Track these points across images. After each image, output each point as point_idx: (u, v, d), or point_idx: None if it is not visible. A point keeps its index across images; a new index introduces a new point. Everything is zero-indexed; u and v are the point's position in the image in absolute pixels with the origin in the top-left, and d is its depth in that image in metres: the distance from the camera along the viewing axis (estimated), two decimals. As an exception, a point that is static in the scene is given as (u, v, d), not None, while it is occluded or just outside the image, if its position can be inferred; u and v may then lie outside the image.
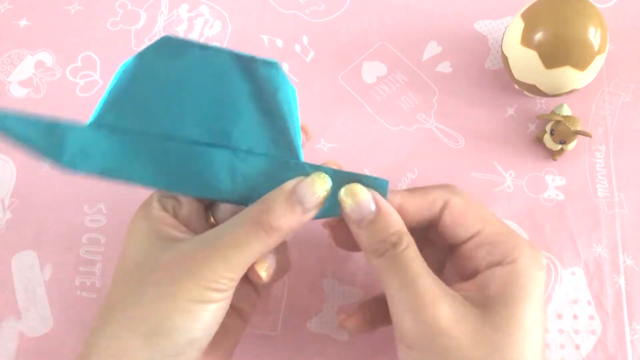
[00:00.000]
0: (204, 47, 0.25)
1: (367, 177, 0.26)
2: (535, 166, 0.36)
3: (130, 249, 0.25)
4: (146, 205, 0.27)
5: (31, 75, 0.39)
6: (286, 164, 0.26)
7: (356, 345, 0.33)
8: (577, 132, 0.34)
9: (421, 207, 0.27)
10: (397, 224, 0.25)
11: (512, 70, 0.34)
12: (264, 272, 0.26)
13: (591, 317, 0.33)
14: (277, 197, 0.25)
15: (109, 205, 0.36)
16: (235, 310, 0.27)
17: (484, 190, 0.35)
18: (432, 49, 0.39)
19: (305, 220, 0.25)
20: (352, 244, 0.27)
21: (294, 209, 0.24)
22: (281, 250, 0.27)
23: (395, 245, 0.24)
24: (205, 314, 0.23)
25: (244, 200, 0.26)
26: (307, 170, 0.26)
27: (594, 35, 0.31)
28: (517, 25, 0.33)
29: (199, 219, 0.27)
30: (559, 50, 0.32)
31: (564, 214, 0.35)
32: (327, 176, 0.26)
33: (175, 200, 0.27)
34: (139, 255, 0.25)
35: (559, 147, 0.35)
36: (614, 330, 0.33)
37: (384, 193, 0.26)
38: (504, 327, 0.23)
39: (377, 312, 0.29)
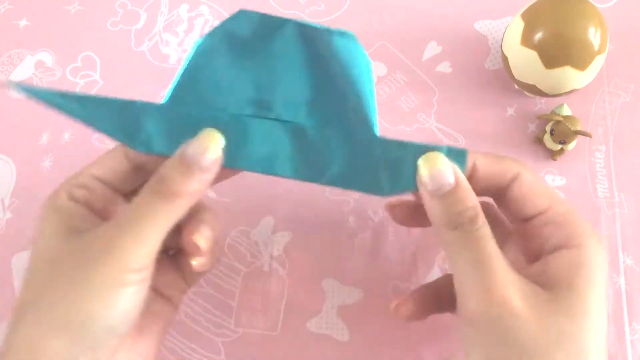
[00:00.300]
0: (279, 20, 0.25)
1: (443, 147, 0.25)
2: (535, 166, 0.36)
3: (40, 245, 0.24)
4: (54, 197, 0.25)
5: (31, 75, 0.39)
6: (361, 139, 0.25)
7: (356, 345, 0.33)
8: (577, 132, 0.34)
9: (494, 172, 0.26)
10: (475, 199, 0.24)
11: (512, 70, 0.34)
12: (202, 240, 0.25)
13: (591, 317, 0.33)
14: (171, 161, 0.24)
15: (109, 205, 0.36)
16: (162, 297, 0.27)
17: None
18: (432, 49, 0.39)
19: (208, 179, 0.24)
20: (412, 220, 0.27)
21: (191, 170, 0.24)
22: (215, 227, 0.27)
23: (472, 220, 0.24)
24: (121, 299, 0.22)
25: (316, 177, 0.26)
26: (378, 144, 0.25)
27: (594, 35, 0.31)
28: (517, 25, 0.33)
29: (115, 209, 0.26)
30: (559, 50, 0.32)
31: (564, 214, 0.35)
32: (215, 131, 0.25)
33: (86, 189, 0.25)
34: (47, 250, 0.24)
35: (559, 147, 0.35)
36: (614, 330, 0.33)
37: (463, 161, 0.25)
38: (572, 314, 0.22)
39: (429, 299, 0.28)
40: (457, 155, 0.25)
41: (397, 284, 0.34)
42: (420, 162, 0.25)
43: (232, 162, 0.25)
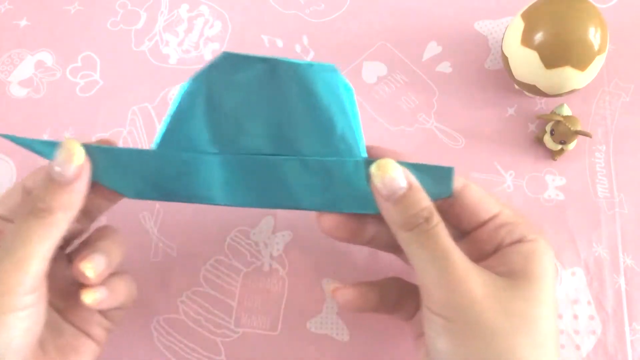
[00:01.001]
0: (263, 60, 0.25)
1: (427, 166, 0.26)
2: (535, 166, 0.36)
3: None
4: None
5: (31, 75, 0.39)
6: (351, 163, 0.26)
7: (356, 345, 0.33)
8: (577, 132, 0.34)
9: None
10: (428, 201, 0.25)
11: (512, 70, 0.34)
12: (89, 269, 0.25)
13: (591, 318, 0.33)
14: (40, 178, 0.24)
15: (109, 205, 0.36)
16: (83, 333, 0.27)
17: (484, 190, 0.35)
18: (432, 49, 0.39)
19: (78, 190, 0.25)
20: (341, 230, 0.27)
21: (57, 183, 0.24)
22: (114, 258, 0.27)
23: (427, 220, 0.25)
24: (8, 325, 0.22)
25: (315, 207, 0.27)
26: (365, 167, 0.26)
27: (594, 35, 0.31)
28: (517, 25, 0.33)
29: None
30: (559, 50, 0.32)
31: (564, 214, 0.35)
32: (74, 140, 0.25)
33: None
34: None
35: (559, 147, 0.35)
36: (614, 331, 0.33)
37: (449, 179, 0.26)
38: (530, 299, 0.24)
39: (370, 295, 0.28)
40: (443, 173, 0.26)
41: (397, 284, 0.34)
42: (373, 169, 0.26)
43: (228, 200, 0.27)
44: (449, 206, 0.27)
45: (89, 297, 0.26)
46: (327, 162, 0.27)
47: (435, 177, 0.26)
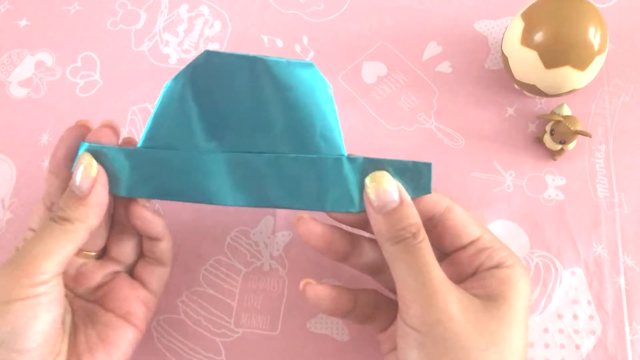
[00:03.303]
0: (241, 57, 0.26)
1: (406, 162, 0.27)
2: (535, 166, 0.36)
3: None
4: None
5: (31, 75, 0.39)
6: (330, 160, 0.27)
7: (356, 345, 0.33)
8: (577, 132, 0.34)
9: (427, 203, 0.28)
10: (417, 217, 0.26)
11: (512, 70, 0.34)
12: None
13: (591, 317, 0.33)
14: (66, 190, 0.26)
15: (109, 205, 0.36)
16: (122, 319, 0.29)
17: (484, 190, 0.35)
18: (432, 49, 0.39)
19: (92, 205, 0.26)
20: (323, 245, 0.28)
21: (75, 197, 0.26)
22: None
23: (415, 235, 0.25)
24: (11, 316, 0.24)
25: (295, 204, 0.27)
26: (349, 164, 0.27)
27: (594, 35, 0.31)
28: (517, 25, 0.33)
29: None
30: (559, 50, 0.32)
31: (563, 214, 0.35)
32: (89, 155, 0.26)
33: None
34: None
35: (559, 147, 0.35)
36: (614, 330, 0.33)
37: (429, 176, 0.27)
38: (505, 320, 0.25)
39: (342, 300, 0.28)
40: (423, 168, 0.27)
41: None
42: (367, 180, 0.27)
43: (206, 198, 0.27)
44: (433, 227, 0.28)
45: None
46: (305, 159, 0.27)
47: (415, 173, 0.27)
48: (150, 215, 0.29)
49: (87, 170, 0.26)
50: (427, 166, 0.27)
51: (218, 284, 0.34)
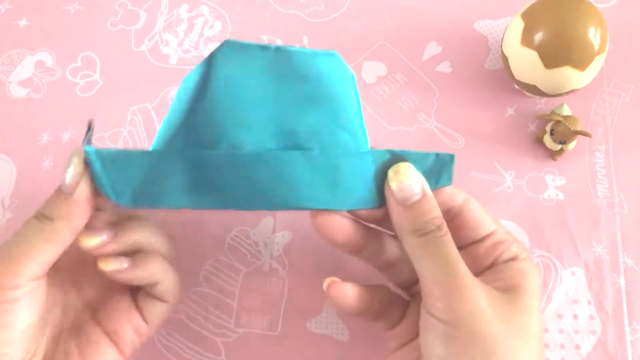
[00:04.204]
0: (264, 48, 0.24)
1: (428, 154, 0.27)
2: (535, 166, 0.36)
3: None
4: None
5: (31, 75, 0.39)
6: (356, 155, 0.26)
7: (356, 345, 0.33)
8: (577, 132, 0.34)
9: (445, 195, 0.28)
10: (439, 210, 0.26)
11: (512, 70, 0.34)
12: (90, 240, 0.26)
13: (591, 317, 0.33)
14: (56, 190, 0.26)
15: (109, 205, 0.36)
16: (109, 340, 0.28)
17: (484, 190, 0.35)
18: (432, 49, 0.39)
19: (75, 203, 0.25)
20: (341, 237, 0.27)
21: (59, 193, 0.25)
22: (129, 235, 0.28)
23: (439, 228, 0.26)
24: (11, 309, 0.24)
25: (317, 204, 0.26)
26: (372, 158, 0.26)
27: (594, 35, 0.31)
28: (517, 25, 0.33)
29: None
30: (559, 50, 0.32)
31: (564, 213, 0.35)
32: (76, 151, 0.25)
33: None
34: None
35: (559, 147, 0.35)
36: (614, 330, 0.33)
37: (451, 167, 0.27)
38: (526, 311, 0.26)
39: (363, 299, 0.28)
40: (446, 160, 0.27)
41: (397, 284, 0.34)
42: (390, 173, 0.26)
43: (230, 204, 0.25)
44: (450, 219, 0.28)
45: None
46: (330, 155, 0.25)
47: (438, 165, 0.27)
48: (126, 276, 0.27)
49: (75, 169, 0.25)
50: (451, 157, 0.27)
51: (218, 284, 0.34)
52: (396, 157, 0.27)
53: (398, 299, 0.30)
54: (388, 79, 0.38)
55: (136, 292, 0.29)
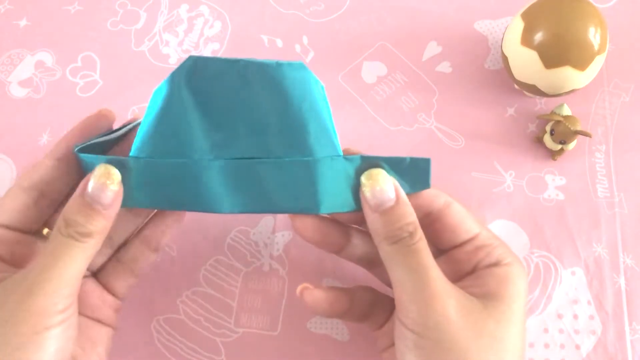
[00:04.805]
0: (230, 62, 0.25)
1: (403, 158, 0.26)
2: (535, 166, 0.36)
3: None
4: None
5: (31, 75, 0.39)
6: (326, 161, 0.26)
7: (356, 345, 0.33)
8: (577, 132, 0.34)
9: (425, 198, 0.27)
10: (414, 215, 0.26)
11: (512, 70, 0.34)
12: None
13: (591, 317, 0.33)
14: (75, 204, 0.24)
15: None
16: (95, 321, 0.28)
17: (484, 190, 0.35)
18: (432, 49, 0.39)
19: (112, 214, 0.25)
20: (320, 239, 0.28)
21: (95, 210, 0.24)
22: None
23: (411, 235, 0.25)
24: (49, 341, 0.23)
25: (292, 209, 0.27)
26: (345, 163, 0.26)
27: (594, 35, 0.31)
28: (517, 25, 0.33)
29: (28, 250, 0.27)
30: (559, 50, 0.32)
31: (564, 213, 0.35)
32: (108, 165, 0.25)
33: None
34: None
35: (559, 147, 0.35)
36: (614, 330, 0.33)
37: (427, 171, 0.27)
38: (503, 321, 0.25)
39: (339, 301, 0.28)
40: (421, 164, 0.27)
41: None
42: (363, 179, 0.26)
43: (202, 207, 0.26)
44: (430, 223, 0.28)
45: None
46: (301, 162, 0.26)
47: (413, 169, 0.26)
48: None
49: (111, 180, 0.25)
50: (426, 161, 0.27)
51: (218, 284, 0.34)
52: (369, 163, 0.26)
53: (384, 299, 0.29)
54: (388, 79, 0.38)
55: (98, 274, 0.30)
